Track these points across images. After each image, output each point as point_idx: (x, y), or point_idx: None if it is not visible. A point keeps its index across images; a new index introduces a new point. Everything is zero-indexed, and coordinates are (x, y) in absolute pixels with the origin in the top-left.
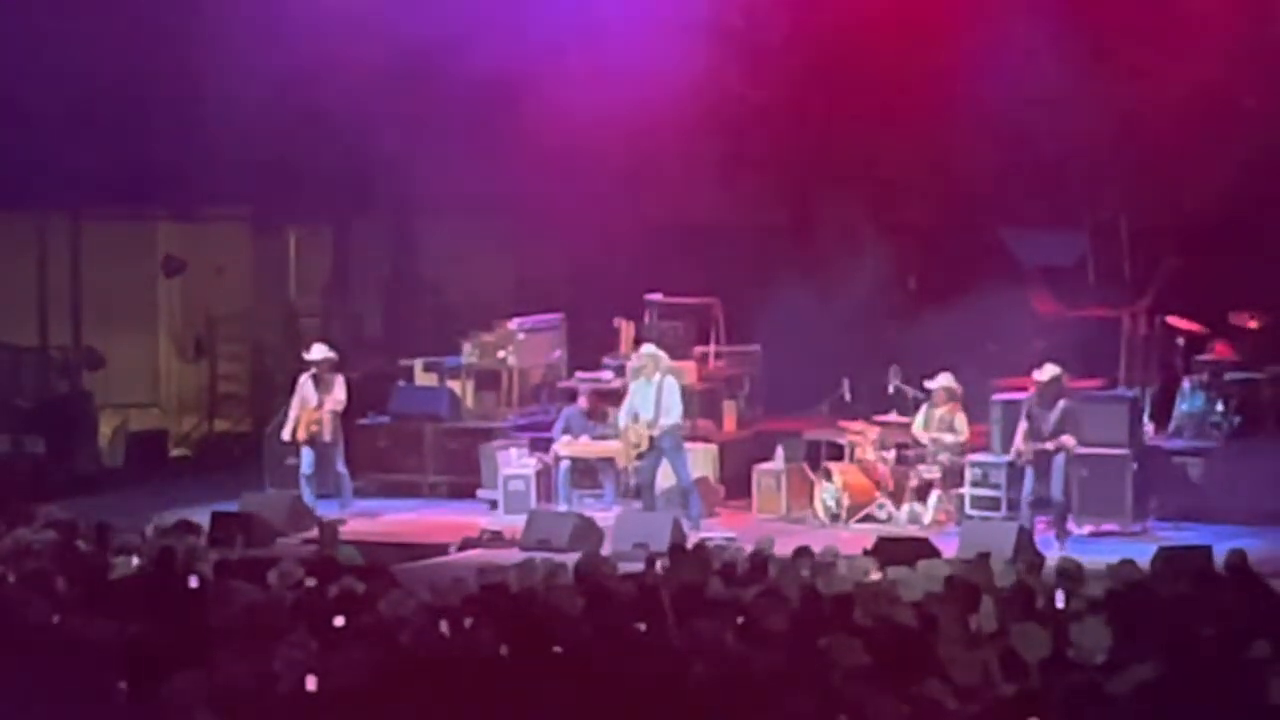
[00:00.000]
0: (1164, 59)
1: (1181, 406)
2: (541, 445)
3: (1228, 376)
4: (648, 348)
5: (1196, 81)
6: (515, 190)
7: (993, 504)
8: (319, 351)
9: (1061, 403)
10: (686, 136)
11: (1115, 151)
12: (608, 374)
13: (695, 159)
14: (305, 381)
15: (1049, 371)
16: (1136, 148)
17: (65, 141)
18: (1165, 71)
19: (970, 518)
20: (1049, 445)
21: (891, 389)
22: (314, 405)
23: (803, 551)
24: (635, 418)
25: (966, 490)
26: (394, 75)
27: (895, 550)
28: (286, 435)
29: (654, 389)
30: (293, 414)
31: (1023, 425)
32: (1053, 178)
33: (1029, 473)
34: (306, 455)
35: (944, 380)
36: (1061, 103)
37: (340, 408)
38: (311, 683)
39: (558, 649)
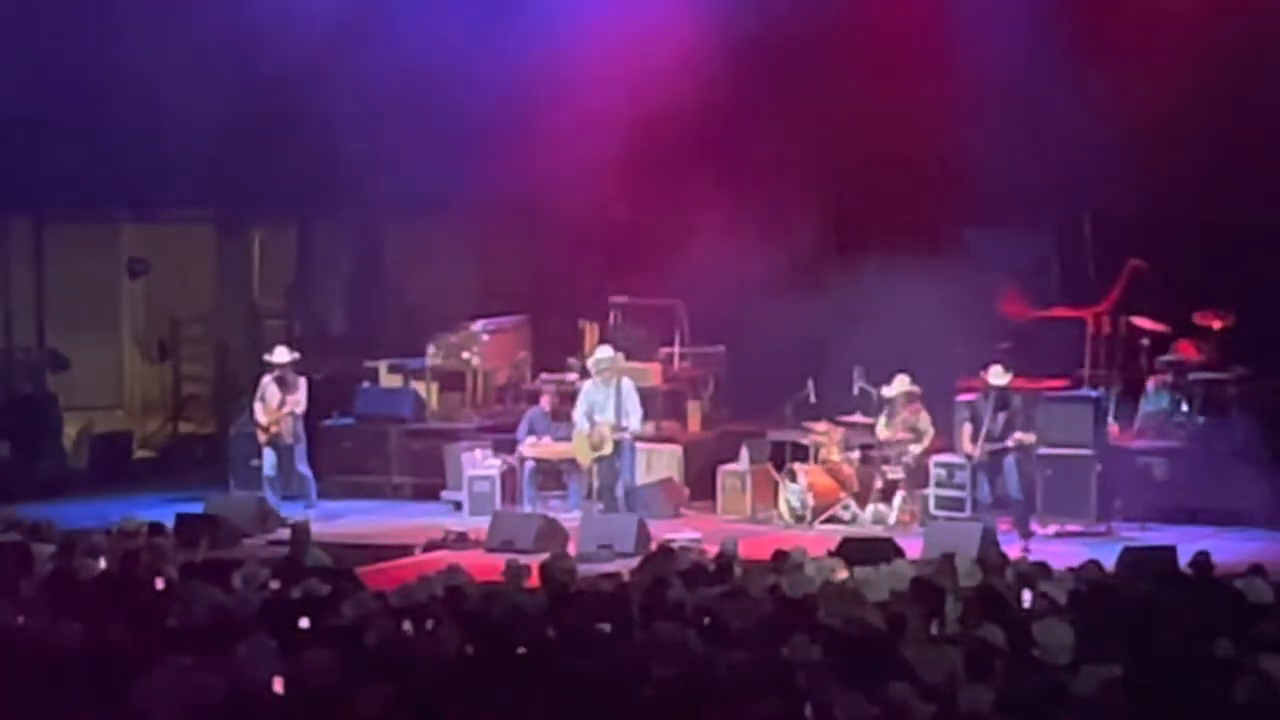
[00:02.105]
0: (1132, 59)
1: (1146, 407)
2: (506, 446)
3: (1192, 376)
4: (605, 350)
5: (1163, 81)
6: (479, 191)
7: (957, 504)
8: (282, 354)
9: (1009, 404)
10: (653, 138)
11: (1079, 152)
12: (572, 375)
13: (660, 160)
14: (268, 383)
15: (996, 374)
16: (1101, 148)
17: (28, 144)
18: (1132, 71)
19: (935, 518)
20: (1009, 443)
21: (856, 390)
22: (275, 406)
23: (775, 555)
24: (590, 419)
25: (931, 490)
26: (359, 76)
27: (860, 551)
28: (261, 437)
29: (612, 391)
30: (258, 416)
31: (967, 428)
32: (1016, 178)
33: (982, 475)
34: (269, 457)
35: (899, 385)
36: (1026, 103)
37: (300, 409)
38: (278, 684)
39: (522, 650)
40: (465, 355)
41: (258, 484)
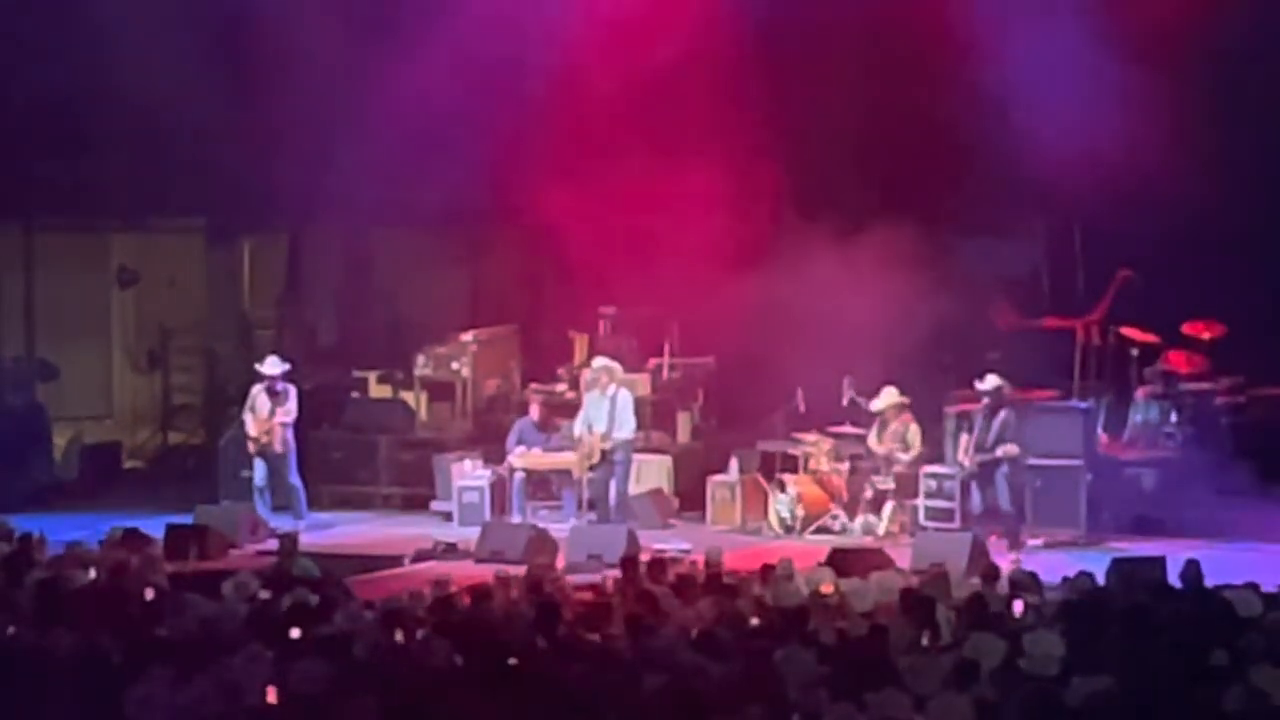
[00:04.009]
0: (1118, 67)
1: (1135, 417)
2: (495, 457)
3: (1181, 387)
4: (600, 360)
5: (1153, 91)
6: (469, 201)
7: (947, 515)
8: (273, 365)
9: (1003, 413)
10: (641, 148)
11: (1069, 161)
12: (561, 385)
13: (650, 170)
14: (258, 393)
15: (990, 381)
16: (1090, 157)
17: (18, 153)
18: (1121, 80)
19: (924, 529)
20: (997, 453)
21: (846, 400)
22: (265, 416)
23: (763, 569)
24: (589, 429)
25: (920, 501)
26: (348, 86)
27: (850, 561)
28: (252, 448)
29: (608, 401)
30: (248, 426)
31: (964, 438)
32: (1007, 187)
33: (974, 485)
34: (259, 467)
35: (887, 398)
36: (1015, 110)
37: (291, 419)
38: (271, 694)
39: (512, 661)
40: (455, 365)
41: (247, 494)
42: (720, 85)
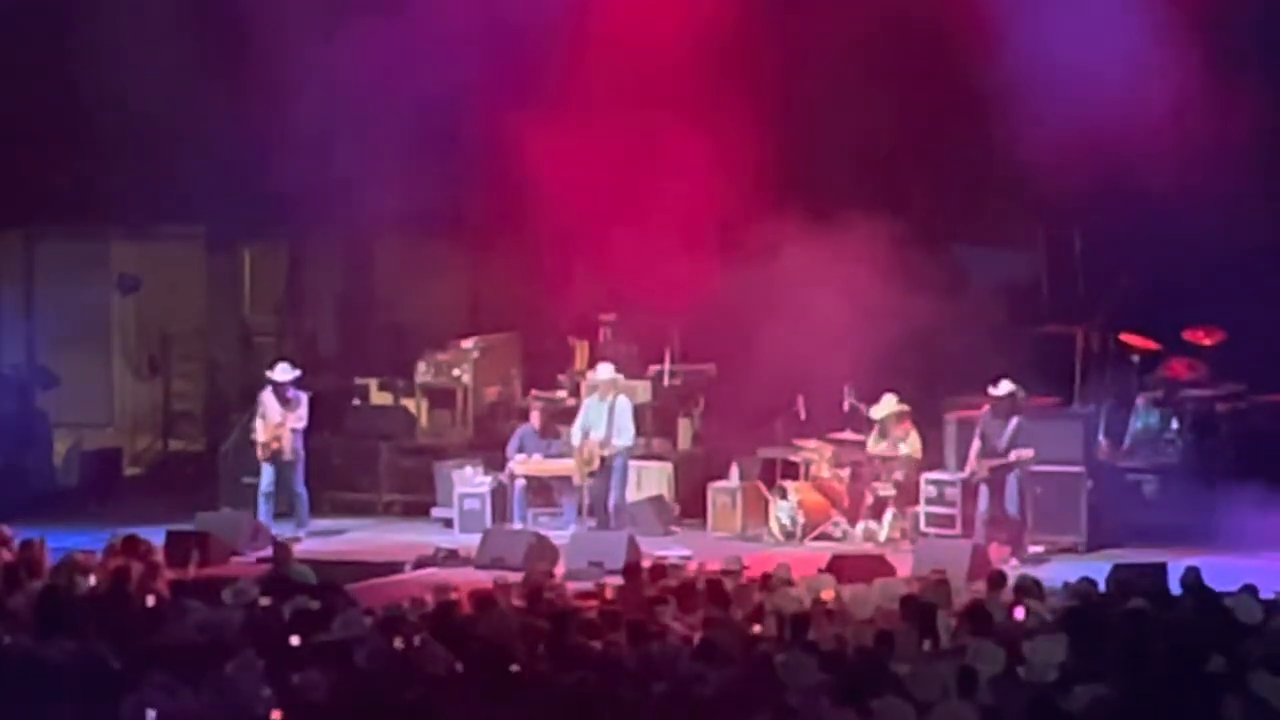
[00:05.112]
0: (1119, 71)
1: (1136, 424)
2: (496, 464)
3: (1182, 394)
4: (605, 367)
5: (1153, 95)
6: (469, 208)
7: (947, 521)
8: (284, 372)
9: (1015, 419)
10: (645, 151)
11: (1070, 167)
12: (562, 392)
13: (653, 174)
14: (268, 399)
15: (1005, 387)
16: (1091, 163)
17: (19, 160)
18: (1122, 84)
19: (925, 535)
20: (1010, 458)
21: (846, 407)
22: (276, 422)
23: (764, 577)
24: (586, 435)
25: (921, 508)
26: (348, 93)
27: (850, 568)
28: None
29: (607, 408)
30: (258, 432)
31: (976, 443)
32: (1008, 194)
33: (983, 491)
34: (267, 473)
35: (887, 405)
36: (1016, 116)
37: (303, 425)
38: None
39: (514, 668)
40: (455, 372)
41: (248, 501)
42: (722, 89)
